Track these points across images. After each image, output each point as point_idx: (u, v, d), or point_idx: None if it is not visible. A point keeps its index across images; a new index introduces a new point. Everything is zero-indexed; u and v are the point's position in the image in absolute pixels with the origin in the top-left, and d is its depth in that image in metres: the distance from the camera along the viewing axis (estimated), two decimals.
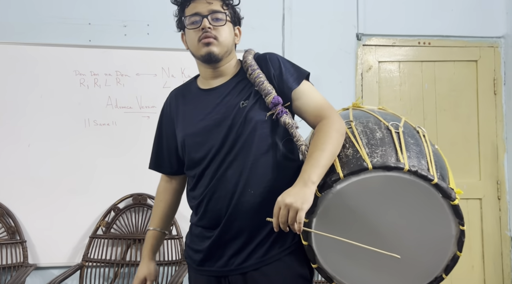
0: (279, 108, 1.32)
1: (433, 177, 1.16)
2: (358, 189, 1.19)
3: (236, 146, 1.32)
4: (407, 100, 2.97)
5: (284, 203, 1.13)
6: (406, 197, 1.19)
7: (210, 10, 1.35)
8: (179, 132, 1.43)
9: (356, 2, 2.94)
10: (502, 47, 3.01)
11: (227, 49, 1.39)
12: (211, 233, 1.36)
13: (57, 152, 2.60)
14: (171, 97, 1.53)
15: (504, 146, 2.97)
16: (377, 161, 1.17)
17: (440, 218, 1.20)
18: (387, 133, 1.29)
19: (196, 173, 1.38)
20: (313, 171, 1.17)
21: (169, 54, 2.72)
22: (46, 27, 2.68)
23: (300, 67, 1.42)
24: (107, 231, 2.58)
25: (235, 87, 1.39)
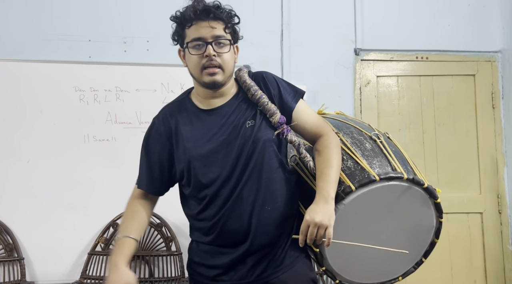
0: (284, 127, 1.39)
1: (424, 182, 1.39)
2: (364, 198, 1.34)
3: (249, 166, 1.34)
4: (406, 114, 2.98)
5: (314, 222, 1.22)
6: (400, 199, 1.39)
7: (213, 36, 1.34)
8: (182, 153, 1.39)
9: (353, 17, 2.97)
10: (499, 61, 3.03)
11: (230, 73, 1.41)
12: (225, 250, 1.37)
13: (56, 168, 2.59)
14: (164, 115, 1.46)
15: (503, 159, 2.97)
16: (378, 172, 1.35)
17: (426, 214, 1.44)
18: (374, 144, 1.48)
19: (207, 194, 1.36)
20: (330, 187, 1.29)
21: (168, 69, 2.73)
22: (46, 43, 2.70)
23: (295, 86, 1.48)
24: (105, 247, 2.56)
25: (237, 107, 1.41)
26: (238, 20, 1.42)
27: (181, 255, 2.53)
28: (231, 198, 1.34)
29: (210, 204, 1.36)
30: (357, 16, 2.97)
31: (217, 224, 1.35)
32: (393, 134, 2.87)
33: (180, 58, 1.47)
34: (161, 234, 2.59)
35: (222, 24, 1.36)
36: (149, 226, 2.60)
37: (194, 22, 1.35)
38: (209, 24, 1.34)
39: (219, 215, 1.34)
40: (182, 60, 1.46)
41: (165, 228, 2.59)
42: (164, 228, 2.59)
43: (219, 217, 1.34)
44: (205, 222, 1.38)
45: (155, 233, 2.60)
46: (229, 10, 1.39)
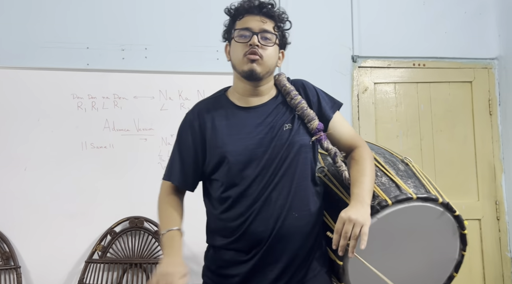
0: (321, 134, 1.39)
1: (455, 209, 1.34)
2: (397, 215, 1.31)
3: (282, 168, 1.33)
4: (403, 121, 2.99)
5: (349, 218, 1.20)
6: (430, 223, 1.35)
7: (261, 29, 1.36)
8: (215, 147, 1.37)
9: (351, 24, 2.98)
10: (496, 68, 3.05)
11: (269, 69, 1.40)
12: (246, 256, 1.33)
13: (54, 175, 2.58)
14: (199, 110, 1.46)
15: (501, 166, 2.98)
16: (414, 192, 1.32)
17: (451, 244, 1.39)
18: (406, 166, 1.47)
19: (236, 192, 1.33)
20: (365, 194, 1.27)
21: (166, 77, 2.73)
22: (44, 51, 2.70)
23: (333, 98, 1.50)
24: (103, 255, 2.54)
25: (275, 108, 1.41)
26: (290, 25, 1.46)
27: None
28: (260, 199, 1.31)
29: (238, 203, 1.33)
30: (354, 23, 2.98)
31: (242, 225, 1.32)
32: (390, 141, 2.92)
33: (225, 53, 1.48)
34: (159, 241, 2.58)
35: (272, 22, 1.39)
36: (147, 233, 2.59)
37: (246, 14, 1.38)
38: (260, 18, 1.37)
39: (245, 215, 1.32)
40: (227, 55, 1.46)
41: None
42: None
43: (245, 218, 1.32)
44: (229, 222, 1.35)
45: (152, 240, 2.59)
46: (282, 12, 1.43)
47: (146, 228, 2.59)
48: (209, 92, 2.69)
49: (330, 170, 1.51)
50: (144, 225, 2.59)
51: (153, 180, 2.62)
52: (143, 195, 2.62)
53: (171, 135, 2.69)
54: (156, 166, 2.66)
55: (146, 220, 2.59)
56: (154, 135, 2.69)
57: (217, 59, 2.80)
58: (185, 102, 2.72)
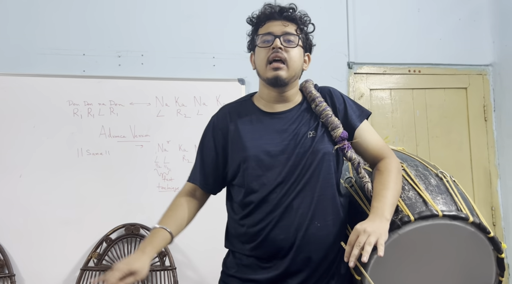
0: (345, 143, 1.36)
1: (490, 230, 1.24)
2: (421, 233, 1.22)
3: (305, 176, 1.31)
4: (399, 127, 3.00)
5: (365, 230, 1.13)
6: (459, 244, 1.25)
7: (284, 31, 1.36)
8: (237, 151, 1.36)
9: (346, 31, 3.00)
10: (491, 74, 3.07)
11: (295, 73, 1.38)
12: (268, 264, 1.30)
13: (49, 182, 2.57)
14: (225, 113, 1.44)
15: (496, 172, 2.99)
16: (442, 209, 1.23)
17: (484, 268, 1.27)
18: (440, 181, 1.38)
19: (257, 198, 1.31)
20: (386, 208, 1.21)
21: (163, 83, 2.74)
22: (40, 58, 2.70)
23: (361, 106, 1.47)
24: (98, 263, 2.52)
25: (300, 115, 1.39)
26: (313, 28, 1.45)
27: (175, 270, 2.50)
28: (281, 206, 1.29)
29: (258, 208, 1.31)
30: (350, 30, 3.00)
31: (262, 232, 1.30)
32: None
33: (251, 62, 1.46)
34: None
35: (294, 25, 1.39)
36: (141, 239, 2.57)
37: (267, 20, 1.38)
38: (282, 22, 1.37)
39: (265, 222, 1.29)
40: (252, 63, 1.45)
41: None
42: None
43: (265, 224, 1.29)
44: (249, 228, 1.32)
45: None
46: (304, 15, 1.42)
47: (142, 235, 2.58)
48: (206, 98, 2.74)
49: (357, 181, 1.46)
50: (140, 232, 2.58)
51: (149, 187, 2.64)
52: (139, 202, 2.61)
53: (167, 141, 2.68)
54: (152, 172, 2.65)
55: (142, 227, 2.58)
56: (150, 141, 2.68)
57: (214, 66, 2.81)
58: (182, 109, 2.72)
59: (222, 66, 2.81)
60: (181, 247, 2.57)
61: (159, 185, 2.65)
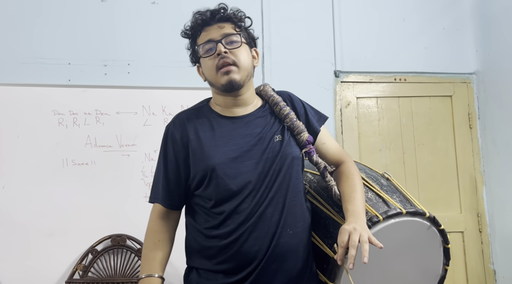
0: (311, 147, 1.35)
1: (441, 224, 1.34)
2: (387, 231, 1.28)
3: (276, 182, 1.26)
4: (386, 135, 3.02)
5: (355, 228, 1.13)
6: (416, 238, 1.34)
7: (222, 34, 1.30)
8: (201, 161, 1.28)
9: (333, 40, 3.02)
10: (475, 82, 3.12)
11: (248, 72, 1.33)
12: (235, 278, 1.23)
13: (34, 193, 2.52)
14: (182, 121, 1.35)
15: (482, 179, 3.02)
16: (401, 206, 1.30)
17: (435, 258, 1.38)
18: (387, 181, 1.46)
19: (226, 209, 1.24)
20: (360, 209, 1.22)
21: (150, 92, 2.72)
22: (24, 67, 2.66)
23: (319, 111, 1.47)
24: (84, 275, 2.48)
25: (262, 119, 1.35)
26: (250, 22, 1.39)
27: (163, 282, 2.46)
28: (254, 215, 1.22)
29: (228, 219, 1.23)
30: (336, 39, 3.02)
31: (234, 244, 1.22)
32: (374, 155, 2.95)
33: (200, 74, 1.41)
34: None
35: (231, 24, 1.33)
36: (129, 251, 2.54)
37: (202, 29, 1.32)
38: (217, 25, 1.31)
39: (237, 233, 1.22)
40: (201, 75, 1.40)
41: None
42: None
43: (237, 236, 1.22)
44: (218, 241, 1.24)
45: (135, 259, 2.54)
46: (236, 10, 1.35)
47: (128, 246, 2.54)
48: None
49: (312, 187, 1.46)
50: (126, 243, 2.54)
51: (136, 197, 2.61)
52: (126, 212, 2.58)
53: (154, 150, 2.66)
54: (139, 182, 2.62)
55: (128, 238, 2.54)
56: (137, 151, 2.66)
57: None
58: (169, 118, 2.70)
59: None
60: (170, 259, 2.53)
61: (146, 195, 2.62)
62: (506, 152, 2.85)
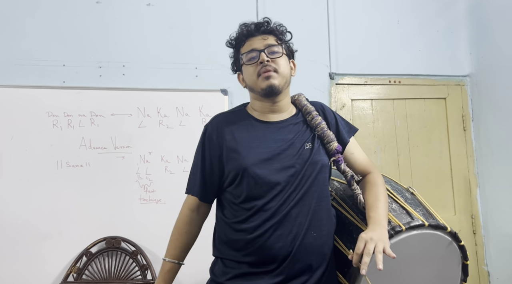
0: (340, 156, 1.42)
1: (461, 240, 1.38)
2: (409, 242, 1.32)
3: (304, 186, 1.34)
4: (380, 137, 3.03)
5: (371, 238, 1.20)
6: (437, 251, 1.37)
7: (266, 44, 1.40)
8: (235, 160, 1.37)
9: (328, 42, 3.03)
10: (468, 85, 3.14)
11: (286, 80, 1.43)
12: (260, 269, 1.31)
13: (28, 195, 2.51)
14: (219, 122, 1.46)
15: (476, 180, 3.04)
16: (424, 219, 1.34)
17: (453, 273, 1.41)
18: (412, 195, 1.51)
19: (255, 205, 1.32)
20: (382, 218, 1.29)
21: (145, 94, 2.71)
22: (18, 68, 2.65)
23: (350, 123, 1.55)
24: (78, 277, 2.46)
25: (295, 126, 1.43)
26: (290, 36, 1.50)
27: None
28: (279, 214, 1.30)
29: (254, 215, 1.32)
30: (331, 41, 3.04)
31: (258, 239, 1.30)
32: (368, 157, 2.93)
33: (240, 81, 1.50)
34: (136, 262, 2.52)
35: (273, 37, 1.43)
36: (124, 254, 2.53)
37: (246, 39, 1.42)
38: (261, 37, 1.41)
39: (262, 229, 1.30)
40: (241, 82, 1.49)
41: (140, 256, 2.52)
42: (139, 255, 2.52)
43: (262, 231, 1.30)
44: (244, 234, 1.33)
45: (130, 261, 2.53)
46: (280, 25, 1.46)
47: (123, 248, 2.53)
48: (189, 109, 2.72)
49: (338, 194, 1.52)
50: (121, 245, 2.53)
51: (131, 199, 2.60)
52: (121, 214, 2.57)
53: (149, 152, 2.65)
54: (134, 184, 2.62)
55: (123, 240, 2.53)
56: (132, 152, 2.65)
57: (196, 76, 2.81)
58: (164, 119, 2.70)
59: (205, 76, 2.81)
60: None
61: (140, 197, 2.61)
62: (500, 154, 2.87)
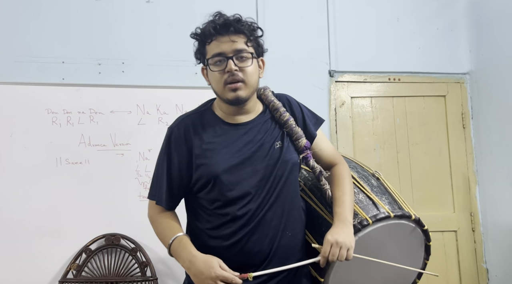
0: (308, 152, 1.39)
1: (424, 224, 1.42)
2: (375, 233, 1.36)
3: (276, 188, 1.32)
4: (380, 134, 3.03)
5: (337, 242, 1.23)
6: (402, 238, 1.42)
7: (234, 50, 1.29)
8: (205, 166, 1.31)
9: (327, 40, 3.03)
10: (468, 83, 3.14)
11: (254, 89, 1.36)
12: None
13: (27, 192, 2.51)
14: (186, 125, 1.37)
15: (475, 178, 3.04)
16: (389, 209, 1.38)
17: (417, 254, 1.47)
18: (378, 181, 1.53)
19: (229, 212, 1.29)
20: (347, 213, 1.31)
21: (144, 91, 2.71)
22: (17, 65, 2.65)
23: (315, 113, 1.49)
24: (78, 274, 2.47)
25: (263, 125, 1.38)
26: (261, 32, 1.38)
27: (156, 280, 2.46)
28: (254, 219, 1.28)
29: (230, 222, 1.29)
30: (331, 39, 3.03)
31: (236, 245, 1.28)
32: (368, 154, 2.96)
33: (203, 76, 1.41)
34: (136, 259, 2.52)
35: (243, 37, 1.31)
36: (123, 251, 2.53)
37: (214, 37, 1.31)
38: (230, 38, 1.29)
39: (239, 235, 1.28)
40: (205, 78, 1.40)
41: (140, 253, 2.52)
42: (139, 252, 2.52)
43: (238, 238, 1.28)
44: (221, 241, 1.30)
45: (129, 258, 2.53)
46: (250, 22, 1.34)
47: (122, 245, 2.53)
48: (188, 106, 2.71)
49: (306, 184, 1.51)
50: (120, 242, 2.54)
51: (130, 196, 2.60)
52: (120, 211, 2.57)
53: (148, 150, 2.65)
54: (133, 181, 2.62)
55: (122, 237, 2.53)
56: (131, 150, 2.65)
57: (196, 74, 2.80)
58: (163, 117, 2.70)
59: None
60: (163, 257, 2.53)
61: (140, 194, 2.61)
62: (499, 151, 2.87)
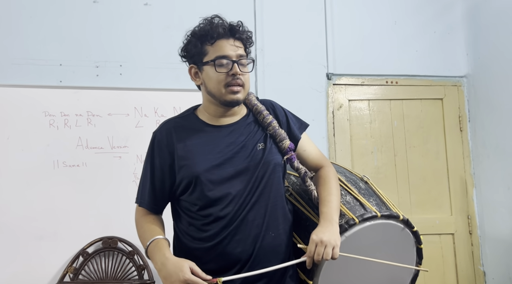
0: (292, 153, 1.41)
1: (414, 226, 1.43)
2: (363, 232, 1.36)
3: (258, 188, 1.34)
4: (377, 137, 3.03)
5: (321, 241, 1.24)
6: (391, 239, 1.42)
7: (238, 55, 1.35)
8: (187, 168, 1.33)
9: (325, 43, 3.03)
10: (465, 86, 3.15)
11: (247, 93, 1.42)
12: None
13: (24, 195, 2.50)
14: (169, 129, 1.41)
15: (472, 181, 3.05)
16: (377, 209, 1.39)
17: (409, 257, 1.47)
18: (366, 184, 1.54)
19: (211, 213, 1.31)
20: (333, 212, 1.32)
21: (142, 94, 2.71)
22: (15, 68, 2.65)
23: (300, 118, 1.53)
24: (75, 277, 2.46)
25: (246, 128, 1.42)
26: (252, 43, 1.45)
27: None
28: (236, 219, 1.30)
29: (212, 223, 1.30)
30: (329, 41, 3.04)
31: (218, 246, 1.29)
32: (365, 157, 2.96)
33: (190, 75, 1.44)
34: (133, 262, 2.52)
35: (243, 45, 1.39)
36: (121, 254, 2.53)
37: (218, 39, 1.35)
38: (234, 43, 1.36)
39: (221, 236, 1.29)
40: (192, 77, 1.43)
41: (137, 256, 2.51)
42: (136, 256, 2.51)
43: (220, 239, 1.29)
44: (203, 243, 1.31)
45: (126, 261, 2.53)
46: (248, 30, 1.41)
47: (120, 249, 2.53)
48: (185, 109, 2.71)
49: (295, 189, 1.54)
50: (118, 246, 2.53)
51: (127, 199, 2.58)
52: (117, 214, 2.57)
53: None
54: (131, 184, 2.61)
55: (120, 240, 2.53)
56: (128, 152, 2.65)
57: None
58: (161, 119, 2.67)
59: None
60: None
61: None
62: (496, 154, 2.87)
